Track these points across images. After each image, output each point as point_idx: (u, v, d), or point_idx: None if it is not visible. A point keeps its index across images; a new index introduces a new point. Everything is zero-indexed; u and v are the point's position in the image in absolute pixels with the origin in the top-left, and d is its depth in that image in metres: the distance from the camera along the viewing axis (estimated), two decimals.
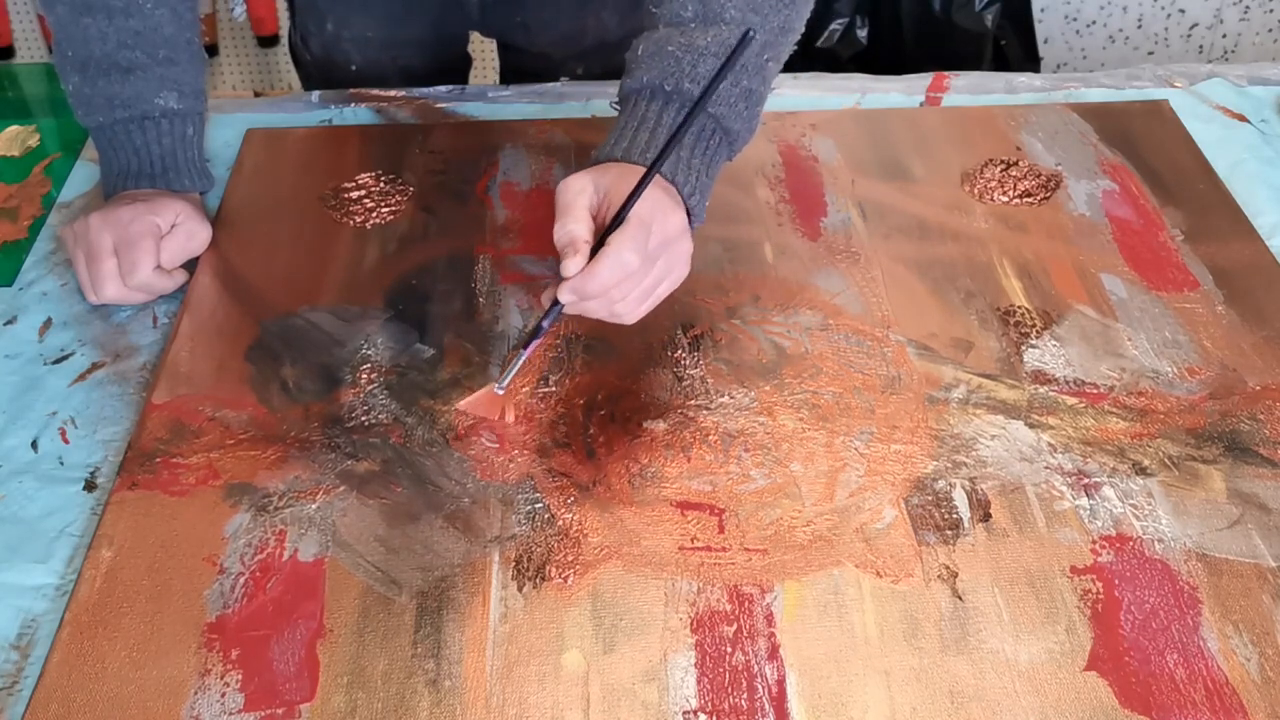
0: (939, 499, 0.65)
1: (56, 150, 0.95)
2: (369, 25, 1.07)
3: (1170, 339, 0.75)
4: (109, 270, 0.76)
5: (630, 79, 0.72)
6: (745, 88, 0.71)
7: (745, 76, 0.70)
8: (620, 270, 0.63)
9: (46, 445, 0.69)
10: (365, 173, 0.90)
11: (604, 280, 0.63)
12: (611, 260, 0.62)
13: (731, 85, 0.70)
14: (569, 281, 0.63)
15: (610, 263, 0.62)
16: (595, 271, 0.62)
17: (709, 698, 0.56)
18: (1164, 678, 0.57)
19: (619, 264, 0.62)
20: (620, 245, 0.63)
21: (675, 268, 0.67)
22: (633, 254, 0.63)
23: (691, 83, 0.69)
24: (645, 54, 0.72)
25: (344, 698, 0.56)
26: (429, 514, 0.65)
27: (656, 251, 0.65)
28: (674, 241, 0.66)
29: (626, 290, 0.64)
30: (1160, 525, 0.64)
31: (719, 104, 0.70)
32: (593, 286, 0.63)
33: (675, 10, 0.72)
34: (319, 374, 0.73)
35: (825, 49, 1.87)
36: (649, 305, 0.67)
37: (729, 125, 0.71)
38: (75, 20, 0.79)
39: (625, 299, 0.65)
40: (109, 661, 0.58)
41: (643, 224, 0.63)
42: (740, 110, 0.71)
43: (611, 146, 0.70)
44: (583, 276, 0.63)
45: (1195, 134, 0.92)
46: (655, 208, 0.64)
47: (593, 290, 0.63)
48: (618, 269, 0.63)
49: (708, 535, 0.63)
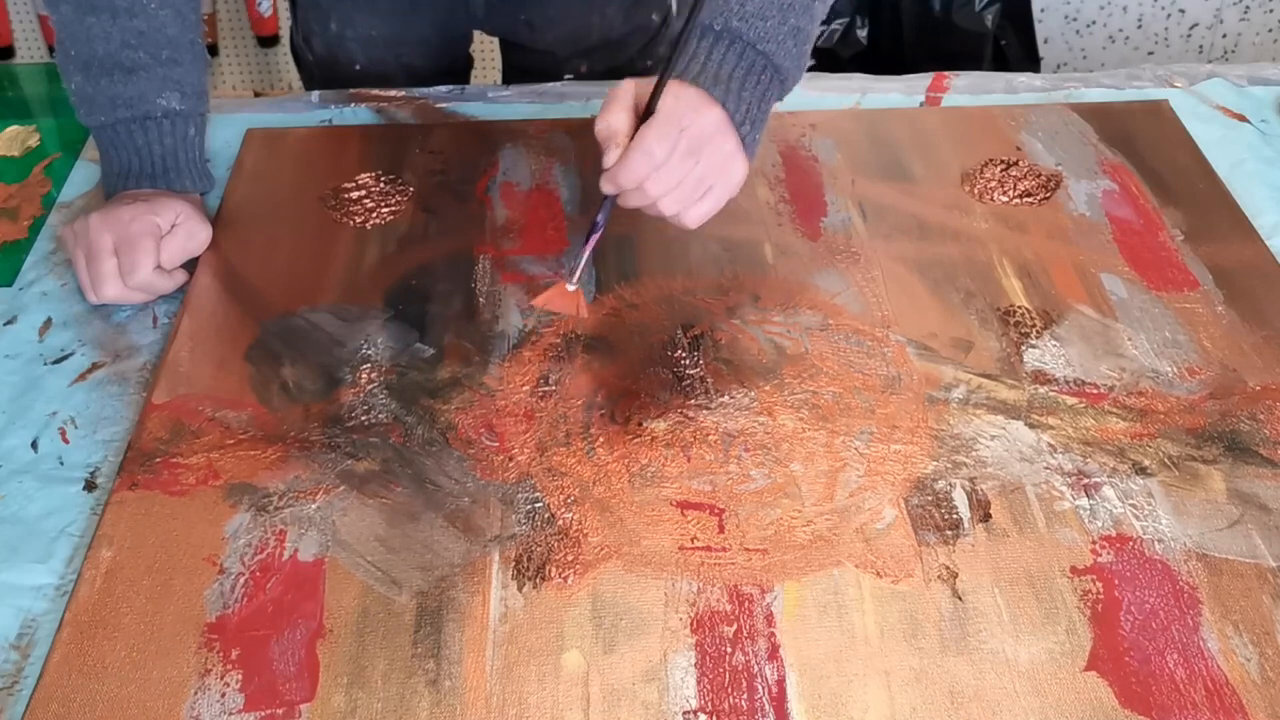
0: (939, 499, 0.65)
1: (56, 150, 0.95)
2: (373, 24, 1.07)
3: (1170, 339, 0.75)
4: (109, 270, 0.76)
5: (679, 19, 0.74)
6: (793, 25, 0.72)
7: (793, 15, 0.71)
8: (647, 160, 0.65)
9: (46, 445, 0.69)
10: (365, 173, 0.90)
11: (635, 170, 0.65)
12: (637, 149, 0.65)
13: (779, 23, 0.71)
14: (607, 171, 0.66)
15: (638, 152, 0.65)
16: (625, 161, 0.66)
17: (709, 698, 0.56)
18: (1164, 678, 0.57)
19: (645, 153, 0.65)
20: (644, 134, 0.66)
21: (722, 167, 0.68)
22: (657, 143, 0.65)
23: (740, 21, 0.70)
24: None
25: (344, 697, 0.56)
26: (429, 513, 0.65)
27: (692, 146, 0.67)
28: (710, 138, 0.67)
29: (665, 184, 0.67)
30: (1160, 525, 0.64)
31: (768, 41, 0.71)
32: (624, 177, 0.66)
33: None
34: (319, 374, 0.73)
35: (825, 49, 1.88)
36: (707, 207, 0.69)
37: (779, 63, 0.72)
38: (79, 19, 0.79)
39: (668, 195, 0.67)
40: (109, 661, 0.58)
41: (669, 117, 0.66)
42: (789, 48, 0.72)
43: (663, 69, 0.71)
44: (616, 167, 0.66)
45: (1195, 134, 0.92)
46: (684, 104, 0.67)
47: (625, 180, 0.66)
48: (644, 158, 0.65)
49: (708, 535, 0.63)
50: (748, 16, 0.71)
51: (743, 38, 0.70)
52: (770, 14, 0.70)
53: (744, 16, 0.71)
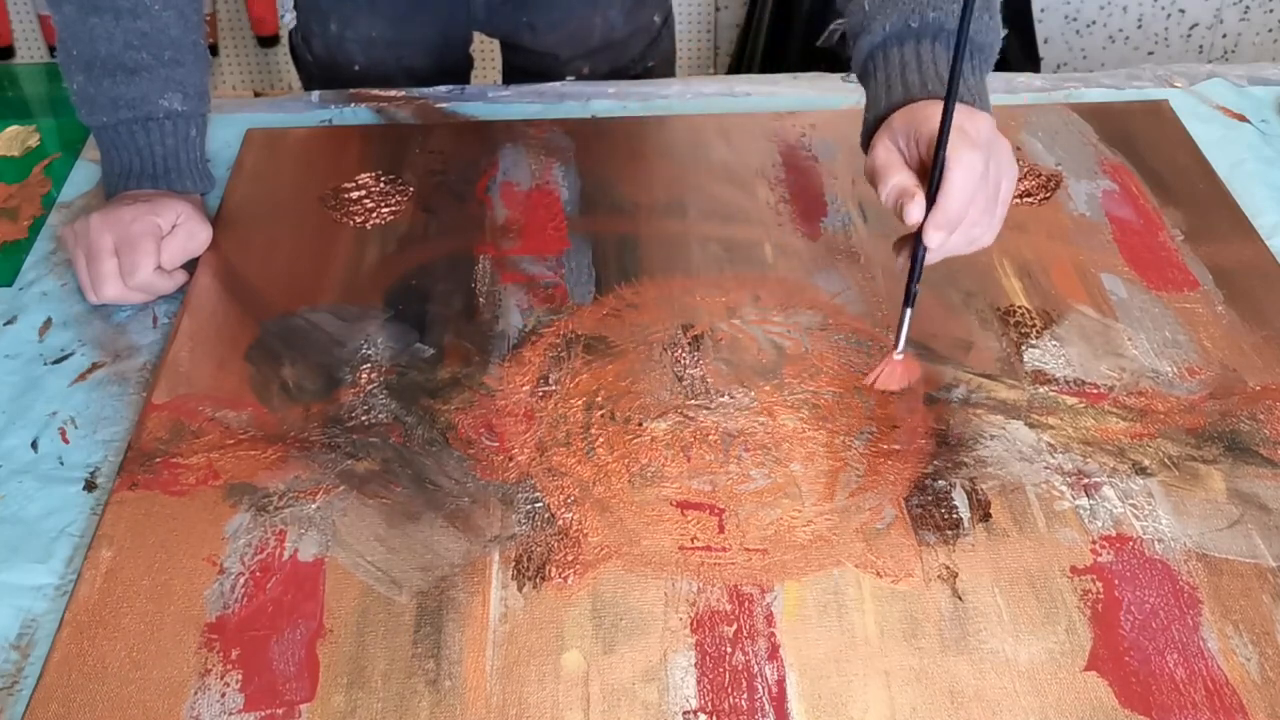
0: (939, 499, 0.65)
1: (56, 150, 0.95)
2: (373, 25, 1.07)
3: (1170, 339, 0.75)
4: (109, 270, 0.76)
5: (868, 35, 0.70)
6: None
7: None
8: (973, 176, 0.61)
9: (46, 445, 0.69)
10: (365, 173, 0.90)
11: (961, 196, 0.61)
12: (962, 170, 0.60)
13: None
14: (930, 219, 0.61)
15: (962, 172, 0.60)
16: (950, 192, 0.60)
17: (709, 698, 0.56)
18: (1164, 678, 0.57)
19: (970, 170, 0.60)
20: (959, 151, 0.60)
21: (1006, 167, 0.64)
22: (972, 153, 0.61)
23: (935, 10, 0.68)
24: (873, 7, 0.70)
25: (344, 697, 0.56)
26: (429, 513, 0.65)
27: (986, 152, 0.62)
28: (993, 140, 0.64)
29: (980, 201, 0.62)
30: (1160, 525, 0.64)
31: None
32: (954, 207, 0.61)
33: None
34: (319, 374, 0.73)
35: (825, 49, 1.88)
36: (1000, 215, 0.65)
37: (981, 40, 0.68)
38: (82, 20, 0.79)
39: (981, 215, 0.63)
40: (109, 661, 0.58)
41: (963, 130, 0.61)
42: (986, 22, 0.69)
43: (885, 98, 0.67)
44: (940, 207, 0.61)
45: (1195, 134, 0.92)
46: (962, 113, 0.62)
47: (954, 212, 0.61)
48: (971, 176, 0.61)
49: (708, 535, 0.63)
50: (940, 4, 0.67)
51: (945, 27, 0.67)
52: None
53: (937, 5, 0.67)
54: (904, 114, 0.65)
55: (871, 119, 0.69)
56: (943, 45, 0.68)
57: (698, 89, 1.01)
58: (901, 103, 0.66)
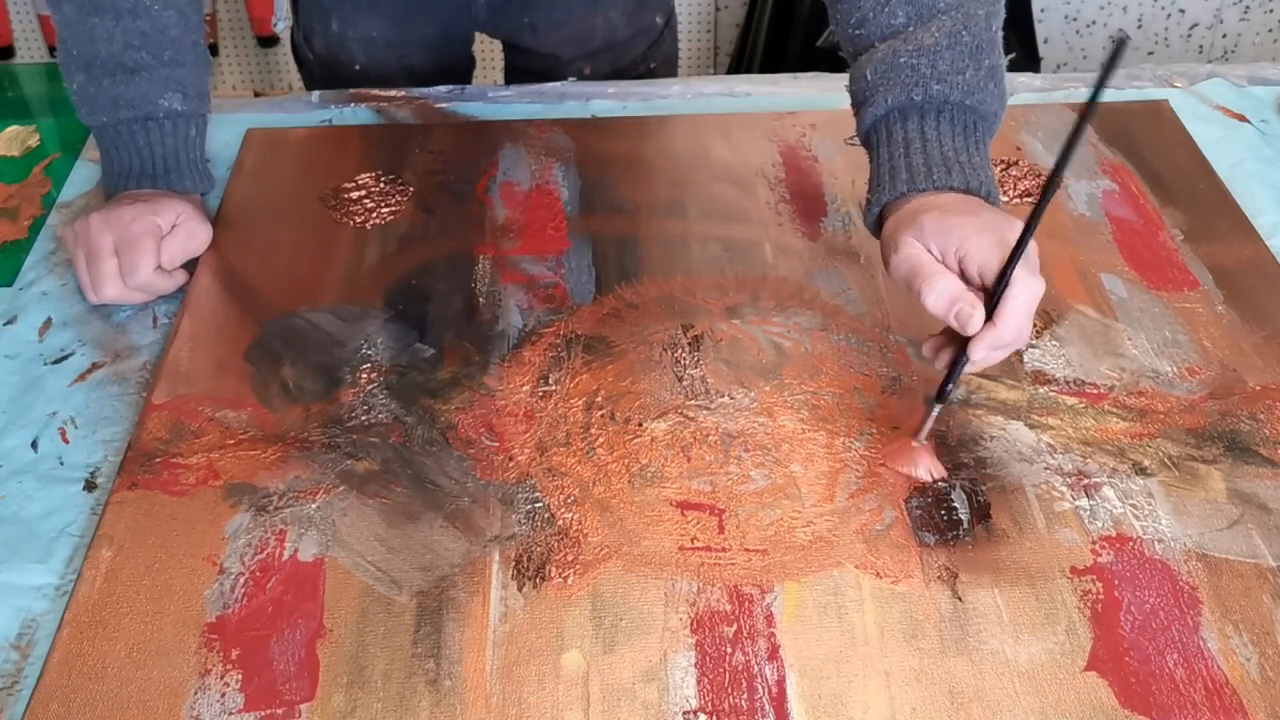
0: (939, 499, 0.65)
1: (56, 150, 0.95)
2: (374, 25, 1.07)
3: (1170, 339, 0.75)
4: (109, 270, 0.76)
5: (871, 108, 0.69)
6: (989, 66, 0.68)
7: (986, 56, 0.68)
8: (1034, 304, 0.60)
9: (46, 445, 0.69)
10: (365, 173, 0.90)
11: (1020, 320, 0.60)
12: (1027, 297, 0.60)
13: (976, 70, 0.67)
14: (982, 337, 0.60)
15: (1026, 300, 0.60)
16: (1008, 316, 0.59)
17: (709, 698, 0.56)
18: (1164, 678, 0.57)
19: (1034, 298, 0.60)
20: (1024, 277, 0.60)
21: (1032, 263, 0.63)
22: (1037, 284, 0.60)
23: (940, 84, 0.67)
24: (876, 77, 0.69)
25: (344, 697, 0.56)
26: (429, 513, 0.65)
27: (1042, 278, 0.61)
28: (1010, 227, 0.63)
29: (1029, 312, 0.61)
30: (1160, 525, 0.64)
31: (971, 94, 0.67)
32: (1009, 333, 0.60)
33: (884, 22, 0.70)
34: (319, 374, 0.73)
35: (825, 49, 1.87)
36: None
37: (985, 110, 0.68)
38: (82, 20, 0.79)
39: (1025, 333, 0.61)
40: (109, 661, 0.58)
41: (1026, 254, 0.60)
42: (991, 90, 0.68)
43: (890, 184, 0.67)
44: (996, 330, 0.60)
45: (1195, 134, 0.92)
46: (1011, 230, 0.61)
47: (1009, 337, 0.60)
48: (1033, 304, 0.60)
49: (708, 535, 0.63)
50: (943, 76, 0.66)
51: (950, 100, 0.67)
52: (964, 65, 0.66)
53: (940, 77, 0.66)
54: (935, 220, 0.63)
55: (877, 201, 0.68)
56: (947, 121, 0.67)
57: (698, 89, 1.01)
58: (909, 190, 0.66)
